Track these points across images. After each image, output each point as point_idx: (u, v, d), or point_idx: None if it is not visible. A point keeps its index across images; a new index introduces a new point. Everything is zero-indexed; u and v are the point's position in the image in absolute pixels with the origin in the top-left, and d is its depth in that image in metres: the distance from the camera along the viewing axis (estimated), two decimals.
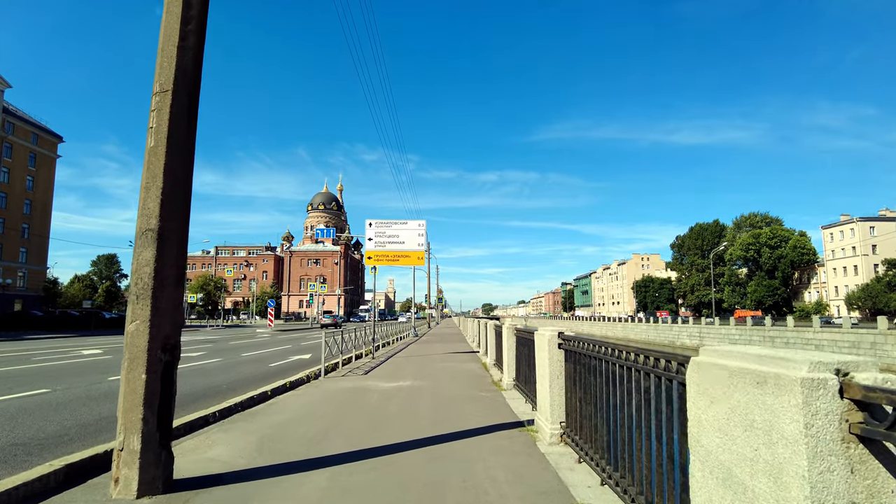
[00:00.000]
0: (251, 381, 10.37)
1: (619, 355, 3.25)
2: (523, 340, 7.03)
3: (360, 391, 8.19)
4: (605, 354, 3.53)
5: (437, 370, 11.34)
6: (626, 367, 3.11)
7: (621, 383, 3.21)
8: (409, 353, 17.09)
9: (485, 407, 6.71)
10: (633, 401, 2.97)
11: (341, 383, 9.22)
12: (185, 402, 7.46)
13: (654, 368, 2.65)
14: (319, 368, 10.21)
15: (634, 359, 2.96)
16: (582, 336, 4.33)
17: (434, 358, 14.58)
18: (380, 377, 10.08)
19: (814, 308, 72.77)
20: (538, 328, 5.54)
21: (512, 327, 7.95)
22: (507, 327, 7.99)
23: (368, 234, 14.69)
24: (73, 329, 39.19)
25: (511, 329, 7.93)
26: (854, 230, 73.56)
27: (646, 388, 2.77)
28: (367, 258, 14.68)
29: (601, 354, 3.59)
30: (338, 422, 5.90)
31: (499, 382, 8.92)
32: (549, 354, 4.66)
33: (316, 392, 8.15)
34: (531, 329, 6.24)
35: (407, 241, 14.57)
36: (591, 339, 3.93)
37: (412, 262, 14.63)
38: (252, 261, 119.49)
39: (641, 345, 5.67)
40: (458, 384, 8.98)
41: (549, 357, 4.65)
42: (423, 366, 12.36)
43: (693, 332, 58.08)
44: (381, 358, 14.55)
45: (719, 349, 1.81)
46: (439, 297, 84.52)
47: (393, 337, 24.12)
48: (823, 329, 40.78)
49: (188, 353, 17.03)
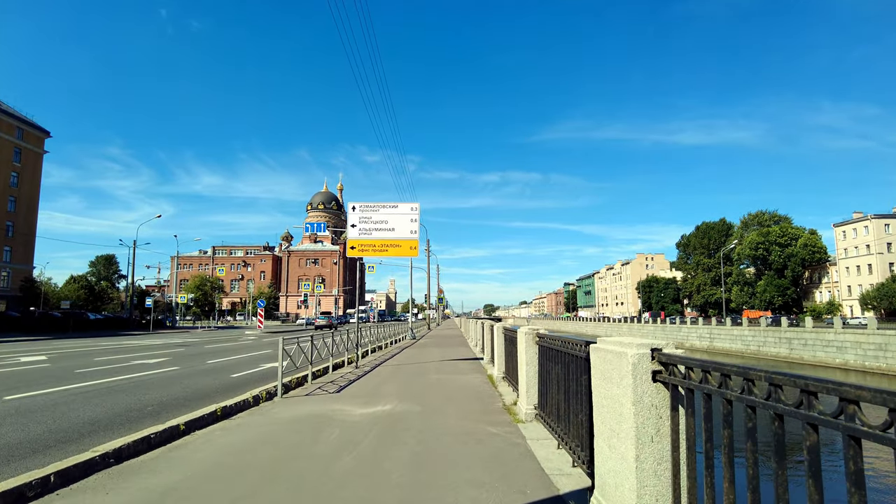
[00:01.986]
0: (193, 398, 8.07)
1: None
2: (554, 355, 4.69)
3: (318, 423, 5.84)
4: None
5: (431, 385, 8.98)
6: None
7: None
8: (401, 359, 14.75)
9: (496, 461, 4.34)
10: None
11: (298, 408, 6.87)
12: (66, 437, 5.14)
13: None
14: (275, 387, 7.85)
15: None
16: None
17: (429, 367, 12.21)
18: (354, 397, 7.73)
19: (825, 308, 70.34)
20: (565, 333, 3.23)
21: (532, 333, 5.60)
22: (526, 333, 5.64)
23: (351, 219, 12.34)
24: (49, 331, 36.87)
25: (531, 336, 5.59)
26: (868, 228, 71.04)
27: None
28: (350, 248, 12.31)
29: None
30: (252, 494, 3.55)
31: (512, 408, 6.57)
32: (633, 395, 2.34)
33: (254, 425, 5.80)
34: (576, 339, 3.89)
35: (397, 228, 12.20)
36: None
37: (404, 253, 12.26)
38: (250, 261, 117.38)
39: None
40: (455, 410, 6.62)
41: (636, 400, 2.33)
42: (413, 379, 10.01)
43: (703, 334, 55.58)
44: (366, 367, 12.21)
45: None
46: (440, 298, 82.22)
47: (387, 340, 21.77)
48: (846, 330, 38.25)
49: (145, 361, 14.72)
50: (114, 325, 47.03)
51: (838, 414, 1.31)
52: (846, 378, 36.75)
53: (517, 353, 6.39)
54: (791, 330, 43.14)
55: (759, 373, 1.66)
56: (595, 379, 2.88)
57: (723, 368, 1.89)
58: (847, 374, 34.44)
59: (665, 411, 2.35)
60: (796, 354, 41.37)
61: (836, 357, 37.42)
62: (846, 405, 1.28)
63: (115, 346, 21.26)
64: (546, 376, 5.14)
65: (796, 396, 1.47)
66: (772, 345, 44.97)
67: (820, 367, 37.04)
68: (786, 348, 42.91)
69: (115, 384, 9.83)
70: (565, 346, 4.27)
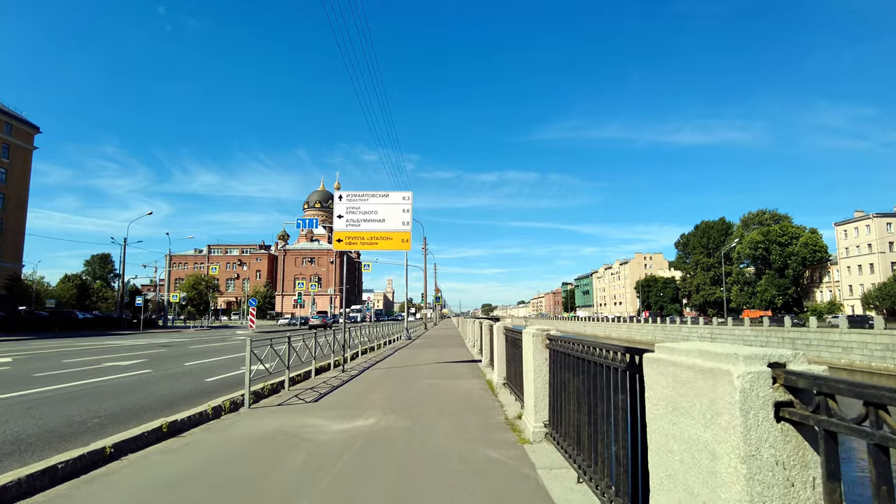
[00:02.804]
0: (152, 407, 7.06)
1: None
2: (572, 363, 3.69)
3: (281, 444, 4.82)
4: None
5: (423, 393, 7.97)
6: None
7: None
8: (393, 361, 13.74)
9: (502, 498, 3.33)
10: None
11: (264, 422, 5.85)
12: None
13: None
14: (242, 395, 6.83)
15: None
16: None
17: (423, 371, 11.20)
18: (333, 408, 6.71)
19: (826, 308, 69.54)
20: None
21: (541, 336, 4.60)
22: (533, 335, 4.63)
23: (338, 209, 11.33)
24: (34, 331, 35.72)
25: (539, 339, 4.59)
26: (870, 227, 70.26)
27: None
28: (337, 241, 11.30)
29: None
30: None
31: (516, 423, 5.57)
32: (745, 445, 1.33)
33: (203, 446, 4.78)
34: (606, 344, 2.90)
35: (388, 219, 11.19)
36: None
37: (395, 246, 11.25)
38: (245, 260, 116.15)
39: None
40: (449, 426, 5.61)
41: (749, 454, 1.32)
42: (404, 384, 9.00)
43: (704, 334, 54.67)
44: (353, 370, 11.18)
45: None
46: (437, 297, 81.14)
47: (380, 340, 20.75)
48: (852, 330, 37.41)
49: (119, 363, 13.67)
50: (103, 324, 45.89)
51: None
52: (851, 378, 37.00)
53: (522, 359, 5.39)
54: (794, 330, 42.27)
55: None
56: (654, 408, 1.88)
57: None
58: (853, 374, 33.67)
59: (801, 474, 1.35)
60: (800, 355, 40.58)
61: (842, 357, 36.64)
62: None
63: (94, 347, 20.18)
64: (560, 388, 4.14)
65: None
66: (775, 345, 44.07)
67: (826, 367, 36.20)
68: (789, 348, 41.80)
69: (72, 390, 8.81)
70: (589, 351, 3.27)
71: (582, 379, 3.41)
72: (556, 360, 4.32)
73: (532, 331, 4.72)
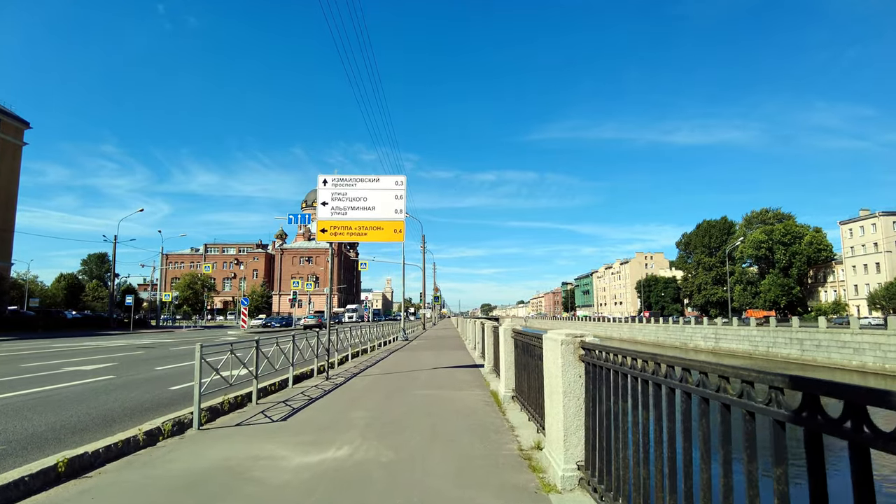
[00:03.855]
0: (88, 427, 5.78)
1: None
2: (626, 385, 2.40)
3: (218, 492, 3.51)
4: None
5: (415, 408, 6.66)
6: None
7: None
8: (386, 366, 12.44)
9: None
10: None
11: (210, 451, 4.54)
12: None
13: None
14: (191, 413, 5.52)
15: None
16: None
17: (417, 378, 9.88)
18: (303, 430, 5.40)
19: (831, 308, 68.38)
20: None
21: (573, 344, 3.32)
22: (563, 343, 3.34)
23: (322, 195, 10.02)
24: (16, 331, 34.37)
25: (571, 349, 3.30)
26: (876, 225, 69.08)
27: None
28: (321, 231, 10.00)
29: None
30: None
31: (534, 455, 4.25)
32: None
33: (106, 495, 3.47)
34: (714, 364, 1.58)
35: (379, 207, 9.88)
36: None
37: (387, 237, 9.93)
38: (242, 259, 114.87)
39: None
40: (446, 460, 4.29)
41: None
42: (394, 397, 7.69)
43: (708, 334, 53.43)
44: (339, 377, 9.88)
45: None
46: (436, 296, 79.80)
47: (375, 342, 19.45)
48: (864, 331, 36.18)
49: (82, 367, 12.35)
50: (92, 324, 44.56)
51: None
52: (864, 381, 34.67)
53: (541, 371, 4.09)
54: (803, 330, 41.00)
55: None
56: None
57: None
58: (865, 376, 32.48)
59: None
60: (808, 356, 39.27)
61: (853, 359, 35.41)
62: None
63: (68, 349, 18.84)
64: (604, 419, 2.85)
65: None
66: (782, 346, 42.83)
67: (836, 369, 35.02)
68: (797, 349, 40.79)
69: (7, 401, 7.51)
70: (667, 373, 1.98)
71: (678, 417, 2.12)
72: (597, 378, 3.02)
73: (559, 336, 3.42)
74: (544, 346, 3.92)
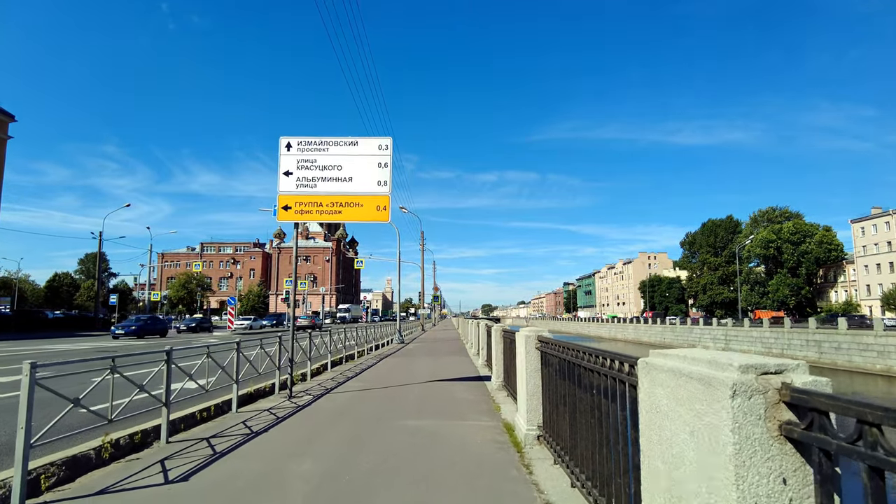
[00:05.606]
0: None
1: None
2: None
3: None
4: None
5: (392, 462, 4.55)
6: None
7: None
8: (370, 378, 10.34)
9: None
10: None
11: None
12: None
13: None
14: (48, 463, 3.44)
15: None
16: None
17: (406, 400, 7.75)
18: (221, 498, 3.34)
19: (842, 308, 66.21)
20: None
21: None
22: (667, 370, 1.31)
23: (285, 164, 7.94)
24: None
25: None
26: (889, 224, 66.91)
27: None
28: (283, 208, 7.91)
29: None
30: None
31: None
32: None
33: None
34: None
35: (358, 178, 7.78)
36: None
37: (367, 216, 7.83)
38: (239, 258, 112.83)
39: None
40: None
41: None
42: (369, 431, 5.60)
43: (717, 335, 51.25)
44: (305, 396, 7.79)
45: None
46: (436, 296, 77.69)
47: (366, 345, 17.37)
48: (888, 333, 34.02)
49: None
50: (75, 324, 42.41)
51: None
52: (891, 387, 31.94)
53: (598, 411, 2.01)
54: (821, 331, 38.79)
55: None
56: None
57: None
58: (891, 381, 30.41)
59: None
60: (827, 359, 37.10)
61: (877, 362, 33.23)
62: None
63: (21, 353, 16.74)
64: None
65: None
66: (798, 348, 40.63)
67: (857, 373, 32.93)
68: (814, 352, 38.55)
69: None
70: None
71: None
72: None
73: (669, 363, 1.35)
74: (639, 377, 1.83)
